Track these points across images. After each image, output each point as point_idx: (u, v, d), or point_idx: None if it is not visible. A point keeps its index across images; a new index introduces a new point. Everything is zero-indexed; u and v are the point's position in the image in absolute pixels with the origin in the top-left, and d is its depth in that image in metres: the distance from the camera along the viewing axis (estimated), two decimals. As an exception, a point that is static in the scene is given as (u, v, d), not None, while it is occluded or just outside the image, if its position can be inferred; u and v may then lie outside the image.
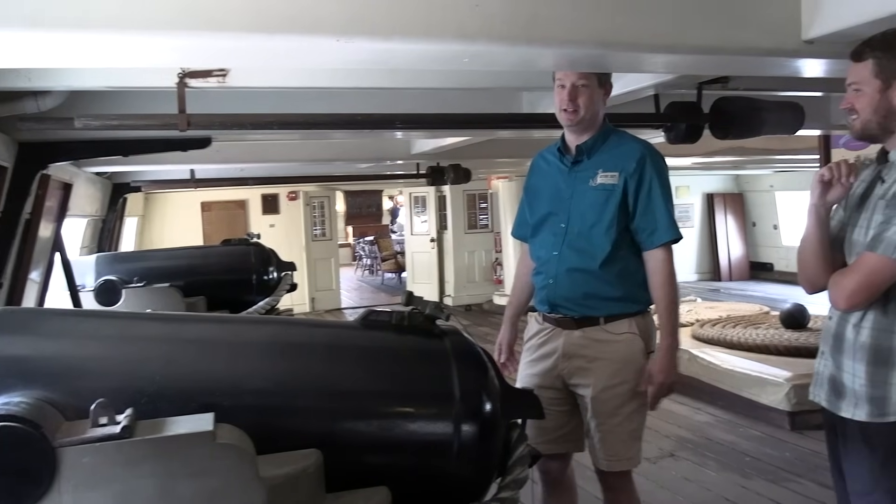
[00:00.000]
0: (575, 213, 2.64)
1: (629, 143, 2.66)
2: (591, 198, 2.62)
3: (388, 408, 1.66)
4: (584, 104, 2.57)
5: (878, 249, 1.89)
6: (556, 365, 2.69)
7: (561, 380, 2.70)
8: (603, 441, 2.64)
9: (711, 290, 13.32)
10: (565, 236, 2.66)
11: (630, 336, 2.62)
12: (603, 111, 2.68)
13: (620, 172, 2.58)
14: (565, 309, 2.67)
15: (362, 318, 1.80)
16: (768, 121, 3.47)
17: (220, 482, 1.34)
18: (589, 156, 2.66)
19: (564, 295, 2.66)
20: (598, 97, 2.61)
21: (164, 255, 6.32)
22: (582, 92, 2.56)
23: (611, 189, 2.58)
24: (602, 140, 2.66)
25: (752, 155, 8.02)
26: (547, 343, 2.73)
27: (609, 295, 2.61)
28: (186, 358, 1.66)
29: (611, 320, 2.62)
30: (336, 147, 6.27)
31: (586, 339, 2.63)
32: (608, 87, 2.66)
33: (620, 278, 2.61)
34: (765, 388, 5.69)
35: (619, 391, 2.60)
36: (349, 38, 1.77)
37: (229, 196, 12.11)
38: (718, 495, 4.36)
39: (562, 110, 2.61)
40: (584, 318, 2.64)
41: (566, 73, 2.55)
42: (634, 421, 2.66)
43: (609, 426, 2.62)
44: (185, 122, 2.65)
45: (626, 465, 2.68)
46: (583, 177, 2.65)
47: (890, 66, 1.94)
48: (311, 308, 12.52)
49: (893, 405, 1.95)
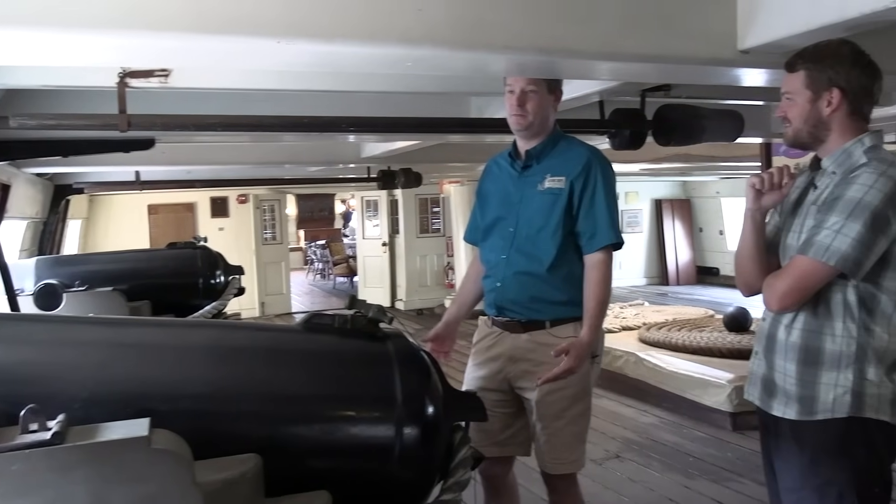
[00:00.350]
0: (523, 217, 2.67)
1: (577, 148, 2.69)
2: (539, 202, 2.65)
3: (330, 411, 1.65)
4: (533, 109, 2.60)
5: (809, 253, 1.95)
6: (502, 368, 2.71)
7: (507, 383, 2.72)
8: (547, 444, 2.66)
9: (659, 294, 13.55)
10: (513, 240, 2.68)
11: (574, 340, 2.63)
12: (553, 117, 2.71)
13: (567, 177, 2.61)
14: (512, 312, 2.70)
15: (305, 322, 1.79)
16: (708, 128, 3.56)
17: (156, 488, 1.31)
18: (538, 161, 2.69)
19: (511, 298, 2.68)
20: (548, 103, 2.64)
21: (108, 258, 6.16)
22: (530, 97, 2.59)
23: (557, 193, 2.61)
24: (551, 145, 2.69)
25: (698, 162, 8.21)
26: (494, 346, 2.75)
27: (555, 299, 2.64)
28: (122, 362, 1.62)
29: (556, 324, 2.64)
30: (286, 150, 6.22)
31: (532, 343, 2.66)
32: (558, 93, 2.69)
33: (566, 282, 2.64)
34: (708, 390, 5.82)
35: (564, 395, 2.62)
36: (290, 41, 1.77)
37: (177, 199, 11.90)
38: (662, 496, 4.44)
39: (511, 115, 2.64)
40: (530, 322, 2.67)
41: (516, 78, 2.58)
42: (579, 424, 2.69)
43: (553, 429, 2.65)
44: (125, 123, 2.61)
45: (570, 467, 2.71)
46: (531, 181, 2.68)
47: (819, 77, 2.01)
48: (261, 313, 12.38)
49: (821, 404, 2.01)
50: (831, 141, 2.06)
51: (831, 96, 2.01)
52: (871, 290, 1.98)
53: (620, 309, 9.08)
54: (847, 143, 2.03)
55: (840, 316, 1.99)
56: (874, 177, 1.92)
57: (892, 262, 1.96)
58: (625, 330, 7.92)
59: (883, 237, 1.91)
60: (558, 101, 2.71)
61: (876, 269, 1.94)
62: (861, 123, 2.05)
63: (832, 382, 1.99)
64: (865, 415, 1.98)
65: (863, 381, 1.98)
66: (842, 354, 1.99)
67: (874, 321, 1.98)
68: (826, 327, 2.01)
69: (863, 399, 1.98)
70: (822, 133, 2.05)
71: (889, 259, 1.95)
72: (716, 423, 5.70)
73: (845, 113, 2.02)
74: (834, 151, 2.05)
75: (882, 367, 1.98)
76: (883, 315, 1.98)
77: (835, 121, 2.03)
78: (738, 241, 2.20)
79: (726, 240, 14.55)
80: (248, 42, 1.81)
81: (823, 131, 2.05)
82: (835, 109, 2.02)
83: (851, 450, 2.00)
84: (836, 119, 2.03)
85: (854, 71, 2.00)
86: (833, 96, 2.00)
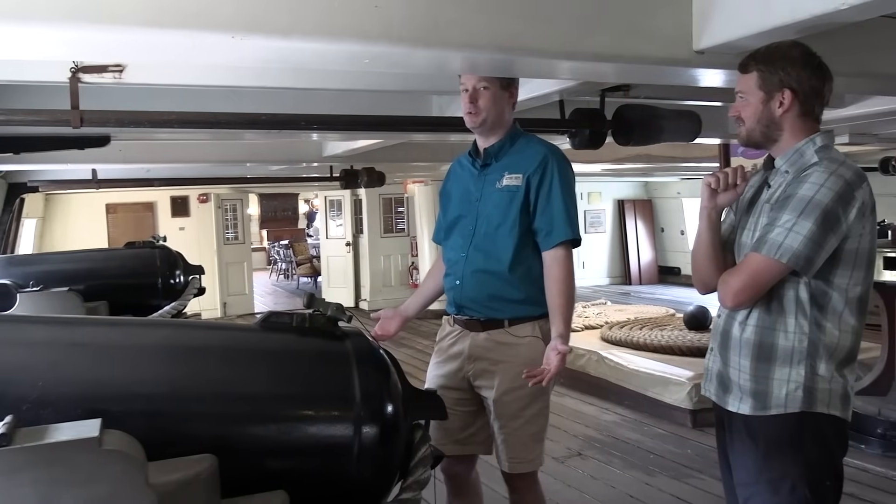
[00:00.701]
0: (482, 215, 2.68)
1: (534, 146, 2.70)
2: (497, 200, 2.65)
3: (287, 411, 1.64)
4: (485, 106, 2.61)
5: (763, 250, 1.99)
6: (462, 366, 2.72)
7: (467, 381, 2.72)
8: (505, 443, 2.67)
9: (622, 294, 13.70)
10: (472, 238, 2.69)
11: (532, 339, 2.64)
12: (510, 114, 2.72)
13: (524, 174, 2.62)
14: (471, 311, 2.70)
15: (262, 321, 1.77)
16: (667, 128, 3.60)
17: (107, 490, 1.29)
18: (496, 159, 2.70)
19: (470, 296, 2.69)
20: (502, 100, 2.64)
21: (64, 258, 6.03)
22: (483, 95, 2.60)
23: (514, 191, 2.62)
24: (510, 143, 2.70)
25: (659, 162, 8.30)
26: (455, 345, 2.75)
27: (513, 297, 2.65)
28: (73, 362, 1.59)
29: (515, 323, 2.65)
30: (247, 148, 6.16)
31: (491, 342, 2.66)
32: (514, 90, 2.69)
33: (524, 281, 2.64)
34: (668, 388, 5.90)
35: (521, 394, 2.62)
36: (245, 36, 1.75)
37: (136, 198, 11.74)
38: (623, 493, 4.49)
39: (465, 113, 2.65)
40: (489, 321, 2.67)
41: (469, 76, 2.58)
42: (536, 424, 2.69)
43: (511, 429, 2.65)
44: (78, 119, 2.55)
45: (527, 466, 2.71)
46: (490, 179, 2.69)
47: (771, 78, 2.05)
48: (223, 313, 12.24)
49: (774, 399, 2.05)
50: (784, 141, 2.10)
51: (783, 97, 2.05)
52: (822, 288, 2.02)
53: (583, 308, 9.15)
54: (799, 142, 2.07)
55: (792, 312, 2.03)
56: (825, 176, 1.96)
57: (843, 259, 2.00)
58: (587, 329, 8.00)
59: (833, 235, 1.95)
60: (514, 97, 2.71)
61: (827, 266, 1.99)
62: (812, 124, 2.10)
63: (785, 378, 2.03)
64: (817, 410, 2.02)
65: (814, 377, 2.02)
66: (794, 350, 2.03)
67: (825, 318, 2.02)
68: (779, 324, 2.05)
69: (814, 394, 2.02)
70: (775, 133, 2.09)
71: (839, 257, 1.99)
72: (676, 420, 5.78)
73: (797, 113, 2.07)
74: (786, 151, 2.09)
75: (833, 363, 2.03)
76: (833, 312, 2.03)
77: (787, 121, 2.07)
78: (694, 239, 2.24)
79: (687, 240, 14.73)
80: (204, 37, 1.78)
81: (776, 131, 2.09)
82: (786, 110, 2.06)
83: (803, 444, 2.04)
84: (787, 119, 2.07)
85: (805, 72, 2.04)
86: (785, 97, 2.04)
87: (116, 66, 2.40)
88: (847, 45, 2.61)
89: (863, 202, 1.97)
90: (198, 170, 7.07)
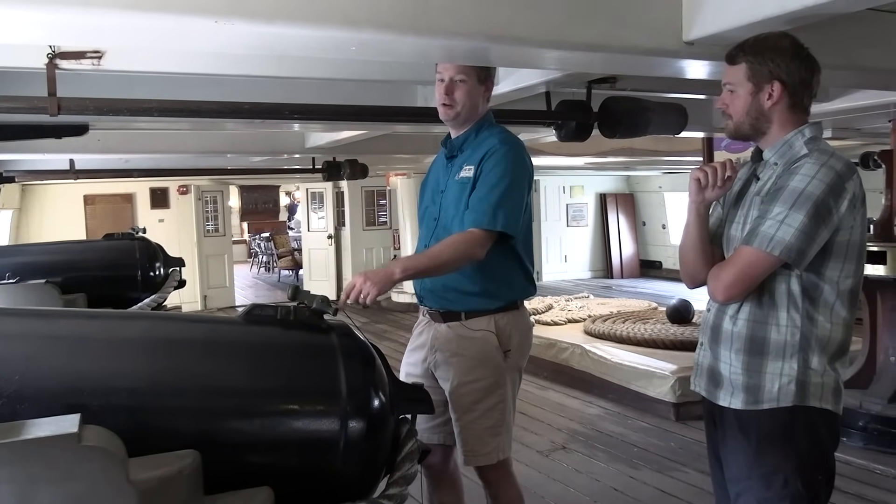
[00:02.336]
0: (444, 206, 2.70)
1: (492, 137, 2.64)
2: (455, 191, 2.66)
3: (272, 405, 1.60)
4: (461, 99, 2.59)
5: (754, 243, 1.97)
6: (426, 356, 2.75)
7: (430, 371, 2.74)
8: (461, 436, 2.68)
9: (604, 287, 13.74)
10: (435, 229, 2.71)
11: (486, 334, 2.62)
12: (484, 107, 2.70)
13: (475, 165, 2.61)
14: (430, 301, 2.73)
15: (246, 313, 1.73)
16: (653, 121, 3.59)
17: (87, 487, 1.26)
18: (461, 150, 2.70)
19: (428, 287, 2.71)
20: (478, 93, 2.63)
21: (40, 249, 5.93)
22: (459, 86, 2.58)
23: (467, 182, 2.62)
24: (474, 135, 2.69)
25: (642, 156, 8.32)
26: (422, 334, 2.79)
27: (467, 289, 2.63)
28: (51, 356, 1.55)
29: (471, 316, 2.65)
30: (228, 138, 6.09)
31: (451, 334, 2.68)
32: (490, 83, 2.69)
33: (479, 272, 2.59)
34: (652, 381, 5.91)
35: (475, 388, 2.63)
36: (228, 20, 1.70)
37: (115, 189, 11.59)
38: (607, 486, 4.49)
39: (439, 104, 2.64)
40: (448, 313, 2.69)
41: (446, 66, 2.57)
42: (491, 418, 2.66)
43: (465, 422, 2.65)
44: (55, 106, 2.48)
45: (482, 460, 2.69)
46: (454, 171, 2.70)
47: (760, 70, 2.03)
48: (204, 306, 12.15)
49: (767, 393, 2.03)
50: (772, 133, 2.08)
51: (772, 89, 2.03)
52: (813, 280, 2.01)
53: (566, 301, 9.17)
54: (788, 134, 2.06)
55: (784, 306, 2.02)
56: (816, 167, 1.95)
57: (834, 252, 1.99)
58: (570, 322, 8.01)
59: (825, 227, 1.94)
60: (489, 91, 2.70)
61: (818, 259, 1.98)
62: (801, 116, 2.08)
63: (777, 372, 2.02)
64: (809, 403, 2.02)
65: (807, 371, 2.01)
66: (786, 344, 2.02)
67: (817, 311, 2.01)
68: (771, 317, 2.03)
69: (807, 388, 2.01)
70: (764, 125, 2.08)
71: (830, 249, 1.98)
72: (659, 413, 5.79)
73: (786, 105, 2.05)
74: (775, 143, 2.08)
75: (825, 357, 2.02)
76: (825, 304, 2.02)
77: (776, 113, 2.06)
78: (682, 233, 2.21)
79: (669, 234, 14.83)
80: (186, 21, 1.73)
81: (765, 123, 2.07)
82: (776, 102, 2.04)
83: (796, 438, 2.03)
84: (777, 111, 2.06)
85: (794, 63, 2.02)
86: (774, 89, 2.03)
87: (95, 52, 2.34)
88: (834, 38, 2.62)
89: (853, 194, 1.96)
90: (178, 160, 6.97)
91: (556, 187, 15.04)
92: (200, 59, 2.69)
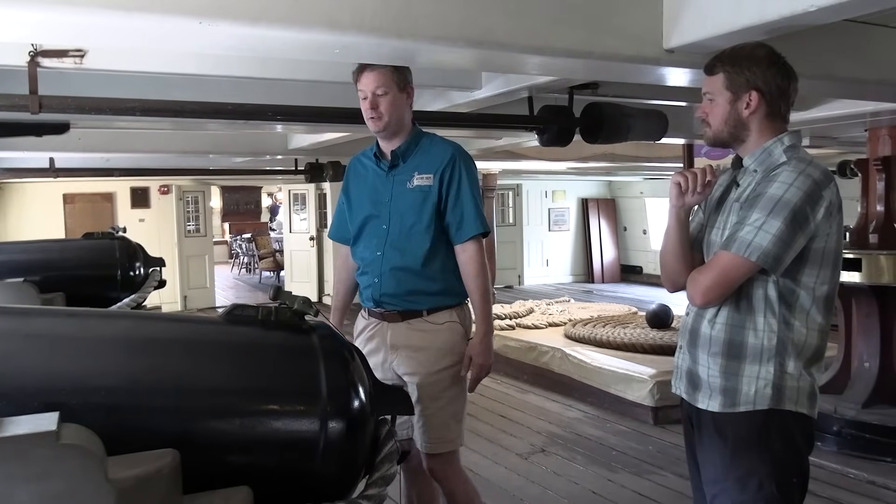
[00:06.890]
0: (395, 214, 2.76)
1: (440, 146, 2.78)
2: (410, 199, 2.73)
3: (251, 405, 1.60)
4: (387, 110, 2.66)
5: (732, 248, 2.00)
6: (386, 357, 2.79)
7: (392, 370, 2.79)
8: (427, 425, 2.75)
9: (585, 292, 13.81)
10: (387, 237, 2.77)
11: (451, 324, 2.77)
12: (409, 115, 2.78)
13: (434, 174, 2.71)
14: (390, 305, 2.78)
15: (227, 313, 1.73)
16: (634, 127, 3.63)
17: (65, 485, 1.25)
18: (404, 160, 2.77)
19: (389, 293, 2.77)
20: (401, 101, 2.70)
21: (18, 248, 5.85)
22: (381, 100, 2.65)
23: (427, 190, 2.71)
24: (415, 143, 2.77)
25: (623, 162, 8.38)
26: (375, 337, 2.83)
27: (431, 290, 2.76)
28: (28, 354, 1.54)
29: (433, 312, 2.76)
30: (210, 139, 6.06)
31: (412, 330, 2.75)
32: (410, 89, 2.74)
33: (441, 273, 2.75)
34: (631, 385, 5.95)
35: (443, 375, 2.74)
36: (212, 21, 1.71)
37: (95, 188, 11.49)
38: (586, 489, 4.51)
39: (367, 119, 2.71)
40: (407, 311, 2.76)
41: (366, 83, 2.64)
42: (456, 404, 2.79)
43: (432, 409, 2.73)
44: (36, 104, 2.47)
45: (448, 446, 2.79)
46: (400, 180, 2.76)
47: (738, 79, 2.06)
48: (184, 306, 12.07)
49: (743, 396, 2.06)
50: (751, 141, 2.11)
51: (750, 98, 2.06)
52: (790, 286, 2.04)
53: (547, 305, 9.20)
54: (767, 142, 2.09)
55: (761, 311, 2.05)
56: (794, 175, 1.98)
57: (810, 258, 2.02)
58: (551, 326, 8.04)
59: (802, 234, 1.97)
60: (411, 97, 2.77)
61: (795, 265, 2.01)
62: (780, 124, 2.12)
63: (754, 375, 2.05)
64: (785, 407, 2.05)
65: (783, 375, 2.04)
66: (763, 348, 2.05)
67: (793, 316, 2.04)
68: (748, 322, 2.06)
69: (783, 392, 2.04)
70: (742, 133, 2.11)
71: (807, 256, 2.01)
72: (638, 417, 5.83)
73: (764, 114, 2.08)
74: (755, 151, 2.11)
75: (801, 361, 2.05)
76: (801, 310, 2.05)
77: (754, 121, 2.09)
78: (663, 237, 2.24)
79: (650, 239, 14.93)
80: (170, 21, 1.73)
81: (743, 131, 2.11)
82: (753, 111, 2.07)
83: (771, 441, 2.06)
84: (755, 120, 2.09)
85: (770, 72, 2.05)
86: (752, 98, 2.06)
87: (77, 51, 2.33)
88: (812, 49, 2.66)
89: (830, 202, 2.00)
90: (159, 160, 6.95)
91: (538, 192, 15.10)
92: (184, 59, 2.69)
